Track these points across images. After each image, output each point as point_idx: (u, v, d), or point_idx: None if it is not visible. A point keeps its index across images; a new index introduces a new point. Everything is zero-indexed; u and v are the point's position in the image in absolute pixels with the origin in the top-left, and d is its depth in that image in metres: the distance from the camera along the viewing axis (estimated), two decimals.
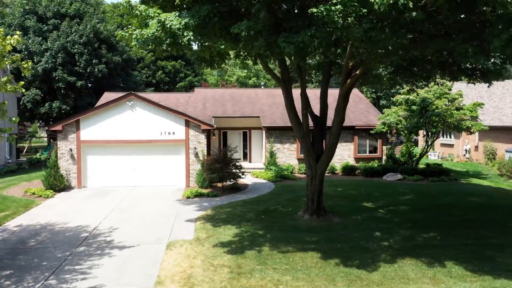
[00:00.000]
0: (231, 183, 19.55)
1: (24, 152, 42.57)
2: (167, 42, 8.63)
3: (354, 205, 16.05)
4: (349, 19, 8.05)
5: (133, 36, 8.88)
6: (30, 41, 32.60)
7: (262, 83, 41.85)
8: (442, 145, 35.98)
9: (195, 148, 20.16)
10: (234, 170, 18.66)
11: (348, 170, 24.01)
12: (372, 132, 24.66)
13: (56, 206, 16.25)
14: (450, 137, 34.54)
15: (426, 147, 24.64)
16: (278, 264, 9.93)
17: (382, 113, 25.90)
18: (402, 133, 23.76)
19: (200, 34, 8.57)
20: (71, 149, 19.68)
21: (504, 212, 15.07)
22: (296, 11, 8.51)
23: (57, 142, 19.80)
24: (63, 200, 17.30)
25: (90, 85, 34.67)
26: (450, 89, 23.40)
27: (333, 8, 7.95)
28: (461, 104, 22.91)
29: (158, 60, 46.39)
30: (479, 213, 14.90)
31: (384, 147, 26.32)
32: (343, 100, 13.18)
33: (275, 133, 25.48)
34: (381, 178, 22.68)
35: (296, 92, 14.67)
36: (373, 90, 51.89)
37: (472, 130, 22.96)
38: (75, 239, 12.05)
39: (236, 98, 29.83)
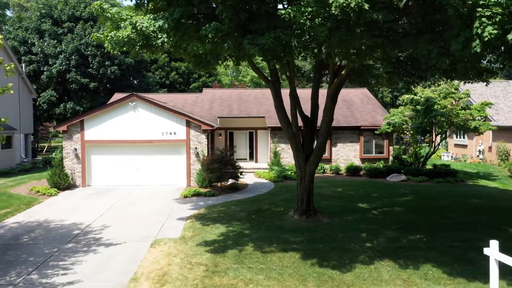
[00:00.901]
0: (231, 182, 19.75)
1: (44, 151, 43.96)
2: (140, 44, 8.86)
3: (349, 205, 15.95)
4: (316, 20, 8.08)
5: (108, 38, 9.16)
6: (45, 44, 33.62)
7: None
8: (456, 145, 35.20)
9: (196, 148, 20.42)
10: (232, 170, 18.82)
11: (352, 170, 23.83)
12: (376, 132, 24.40)
13: (57, 204, 16.77)
14: (464, 138, 33.75)
15: (433, 147, 24.21)
16: (255, 263, 10.02)
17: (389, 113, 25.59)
18: (407, 133, 23.39)
19: (174, 36, 8.76)
20: (75, 149, 20.25)
21: (501, 214, 14.70)
22: (263, 13, 8.58)
23: (63, 142, 20.40)
24: (66, 198, 17.84)
25: (108, 85, 35.47)
26: (457, 88, 22.91)
27: (302, 9, 8.02)
28: (469, 103, 22.38)
29: (172, 61, 47.03)
30: (474, 215, 14.58)
31: (391, 148, 26.00)
32: (331, 101, 13.14)
33: (280, 133, 25.48)
34: (384, 179, 22.43)
35: (287, 92, 14.71)
36: (390, 90, 51.17)
37: (480, 130, 22.41)
38: (66, 236, 12.44)
39: (243, 98, 30.00)
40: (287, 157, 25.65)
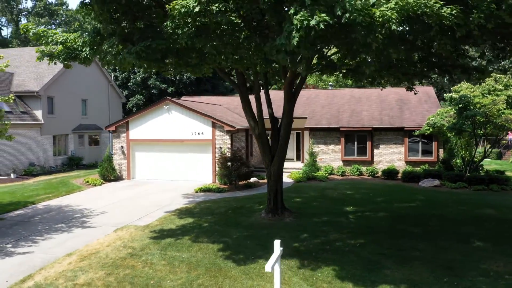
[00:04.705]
0: (253, 180, 20.81)
1: None
2: (63, 56, 10.68)
3: (333, 208, 15.73)
4: (196, 29, 8.92)
5: (47, 51, 11.18)
6: None
7: (331, 83, 41.05)
8: None
9: (220, 147, 21.89)
10: (245, 169, 19.88)
11: (387, 173, 22.76)
12: (414, 134, 22.85)
13: (91, 193, 19.84)
14: None
15: (484, 151, 21.68)
16: (174, 251, 11.09)
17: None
18: (448, 134, 21.43)
19: (96, 49, 10.39)
20: (122, 146, 23.42)
21: (494, 226, 13.05)
22: (144, 27, 9.60)
23: (112, 140, 23.78)
24: (103, 188, 20.91)
25: (189, 89, 39.04)
26: (507, 86, 20.21)
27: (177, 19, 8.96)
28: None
29: None
30: (459, 225, 13.21)
31: (440, 150, 23.97)
32: (288, 103, 13.39)
33: (319, 134, 25.53)
34: (417, 184, 20.99)
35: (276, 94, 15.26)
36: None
37: None
38: (66, 218, 15.01)
39: None
40: (326, 158, 25.52)
